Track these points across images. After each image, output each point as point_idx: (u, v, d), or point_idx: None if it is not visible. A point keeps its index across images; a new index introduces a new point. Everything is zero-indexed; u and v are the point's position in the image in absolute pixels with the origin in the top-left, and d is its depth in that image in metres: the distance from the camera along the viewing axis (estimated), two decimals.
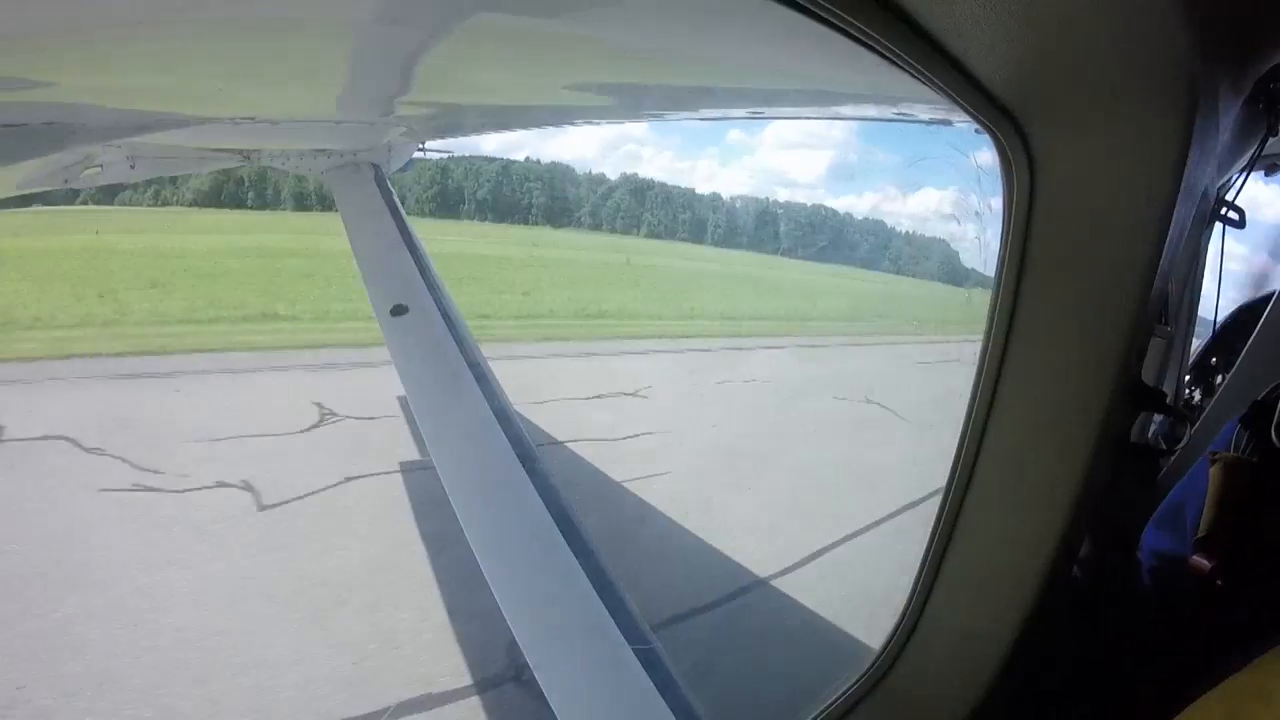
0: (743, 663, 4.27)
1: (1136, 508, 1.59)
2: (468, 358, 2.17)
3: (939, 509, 1.21)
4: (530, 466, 1.89)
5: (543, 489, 1.85)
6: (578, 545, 1.74)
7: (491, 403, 2.04)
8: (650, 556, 5.28)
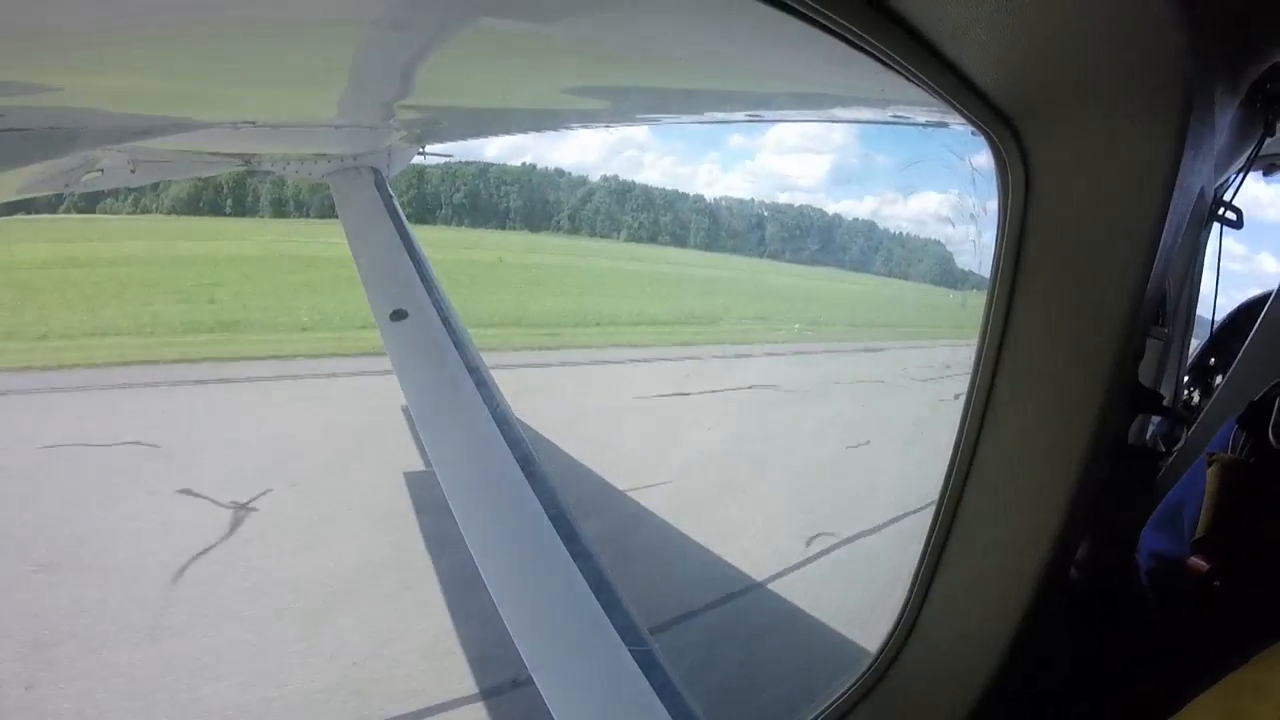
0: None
1: (1134, 509, 1.59)
2: (468, 362, 2.18)
3: (935, 511, 1.21)
4: (529, 470, 1.90)
5: (542, 493, 1.85)
6: (576, 548, 1.75)
7: (491, 407, 2.04)
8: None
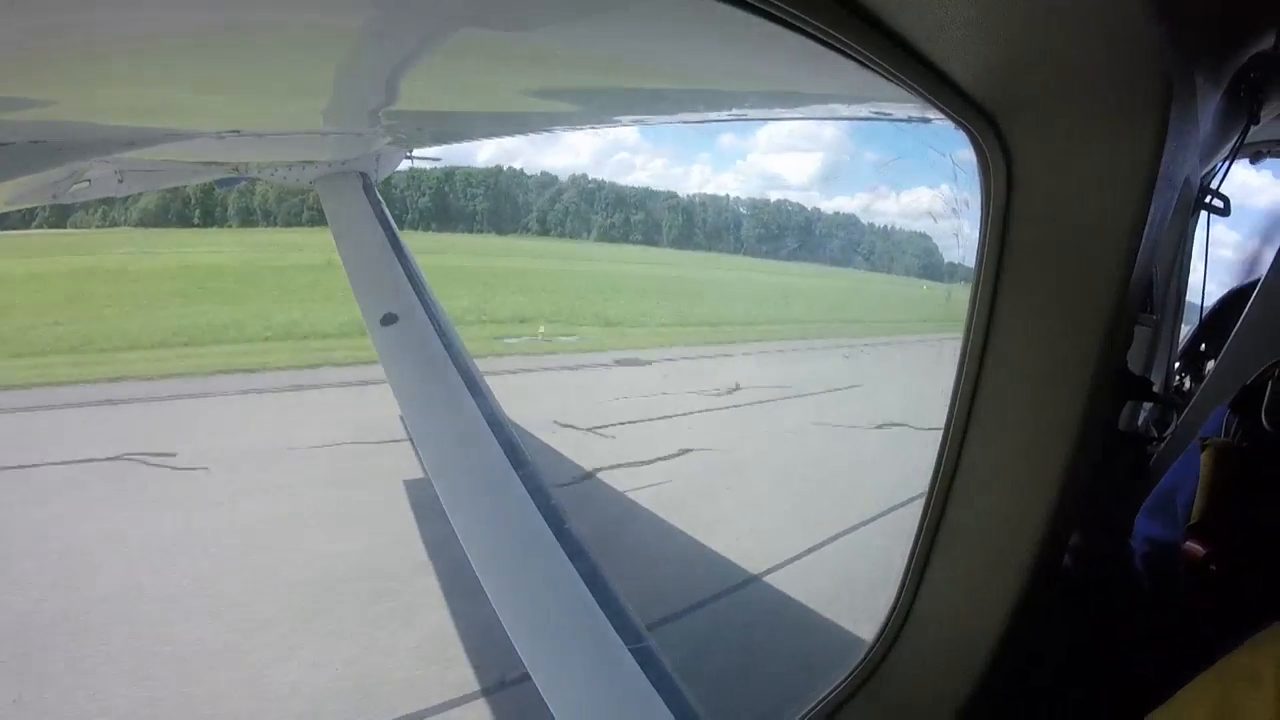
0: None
1: (1128, 495, 1.59)
2: (458, 364, 2.17)
3: (925, 502, 1.21)
4: (522, 470, 1.89)
5: (534, 491, 1.85)
6: (570, 546, 1.75)
7: (483, 408, 2.04)
8: None
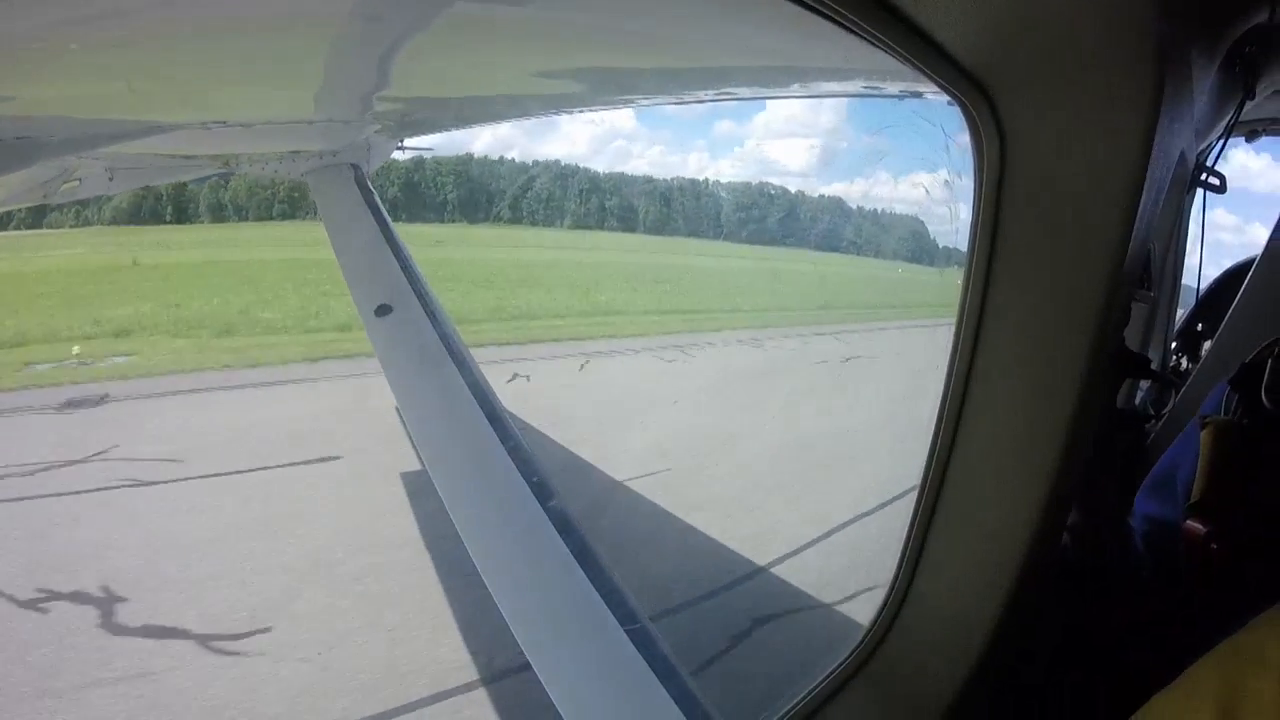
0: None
1: (1127, 474, 1.58)
2: (454, 355, 2.17)
3: (921, 484, 1.21)
4: (521, 461, 1.89)
5: (533, 482, 1.84)
6: (571, 537, 1.75)
7: (479, 399, 2.03)
8: None
